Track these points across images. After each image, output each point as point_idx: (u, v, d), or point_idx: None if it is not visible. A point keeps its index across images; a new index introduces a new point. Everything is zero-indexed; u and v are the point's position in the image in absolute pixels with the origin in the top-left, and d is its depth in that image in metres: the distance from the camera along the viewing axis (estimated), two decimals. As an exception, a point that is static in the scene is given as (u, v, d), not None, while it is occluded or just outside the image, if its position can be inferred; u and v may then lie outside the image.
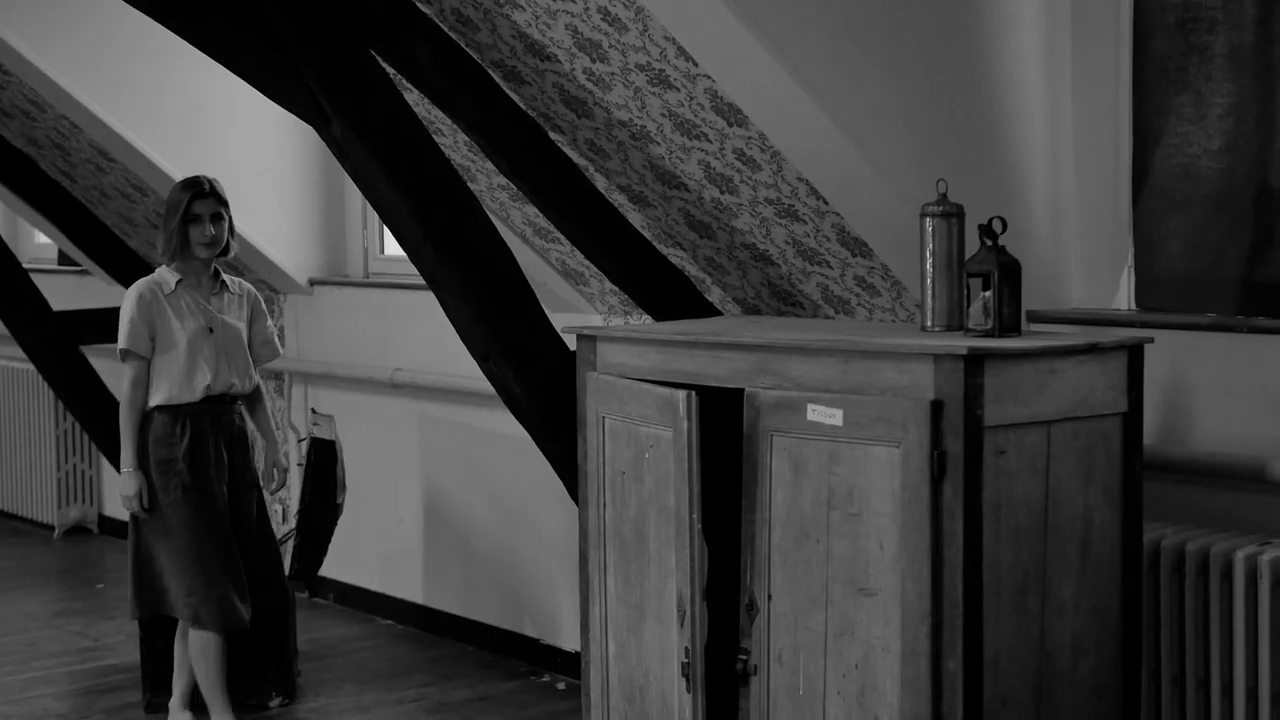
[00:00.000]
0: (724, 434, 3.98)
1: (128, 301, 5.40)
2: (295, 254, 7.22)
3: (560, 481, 5.10)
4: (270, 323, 5.66)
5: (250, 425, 5.60)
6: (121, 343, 5.36)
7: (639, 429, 4.07)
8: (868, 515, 3.63)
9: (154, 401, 5.34)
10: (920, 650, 3.54)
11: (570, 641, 6.06)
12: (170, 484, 5.32)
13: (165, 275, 5.45)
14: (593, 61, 4.61)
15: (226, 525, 5.39)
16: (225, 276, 5.53)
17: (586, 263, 5.50)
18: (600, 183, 5.10)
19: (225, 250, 5.44)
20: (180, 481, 5.31)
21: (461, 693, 6.07)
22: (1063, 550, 3.70)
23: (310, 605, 7.20)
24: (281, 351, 5.75)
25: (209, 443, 5.37)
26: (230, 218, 5.43)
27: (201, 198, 5.34)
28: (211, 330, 5.41)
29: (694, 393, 3.88)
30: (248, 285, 5.64)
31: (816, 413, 3.71)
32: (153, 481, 5.31)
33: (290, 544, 6.24)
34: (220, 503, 5.39)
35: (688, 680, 3.92)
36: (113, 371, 8.20)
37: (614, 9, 4.35)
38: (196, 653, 5.37)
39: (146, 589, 5.44)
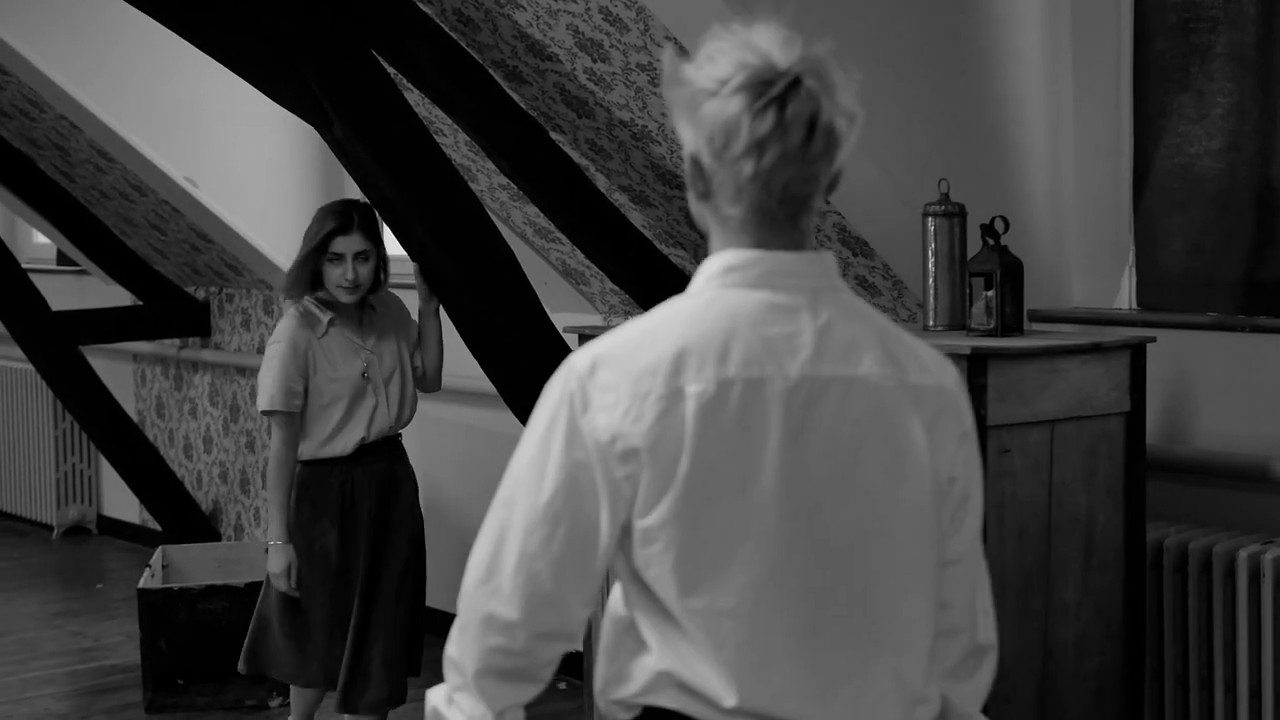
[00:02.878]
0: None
1: (278, 350, 4.58)
2: (294, 254, 7.20)
3: (561, 481, 5.08)
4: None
5: (406, 468, 4.83)
6: (269, 404, 4.56)
7: (641, 429, 4.07)
8: (871, 515, 3.64)
9: (299, 456, 4.63)
10: (924, 650, 3.55)
11: (571, 641, 6.05)
12: (313, 549, 4.62)
13: (315, 313, 4.63)
14: (594, 61, 4.61)
15: (359, 597, 4.64)
16: (370, 296, 4.72)
17: (587, 262, 5.50)
18: (601, 182, 5.10)
19: (374, 288, 4.69)
20: (322, 545, 4.62)
21: (462, 692, 6.06)
22: (1066, 550, 3.70)
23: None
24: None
25: (360, 500, 4.64)
26: (382, 252, 4.65)
27: (345, 233, 4.57)
28: (366, 376, 4.64)
29: (697, 392, 3.88)
30: (390, 294, 4.83)
31: (819, 412, 3.72)
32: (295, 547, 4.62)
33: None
34: (362, 566, 4.64)
35: (691, 680, 3.92)
36: (112, 372, 8.23)
37: (615, 9, 4.35)
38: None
39: (260, 648, 4.78)
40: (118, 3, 4.80)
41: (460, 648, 2.00)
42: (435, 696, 2.06)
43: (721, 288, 1.94)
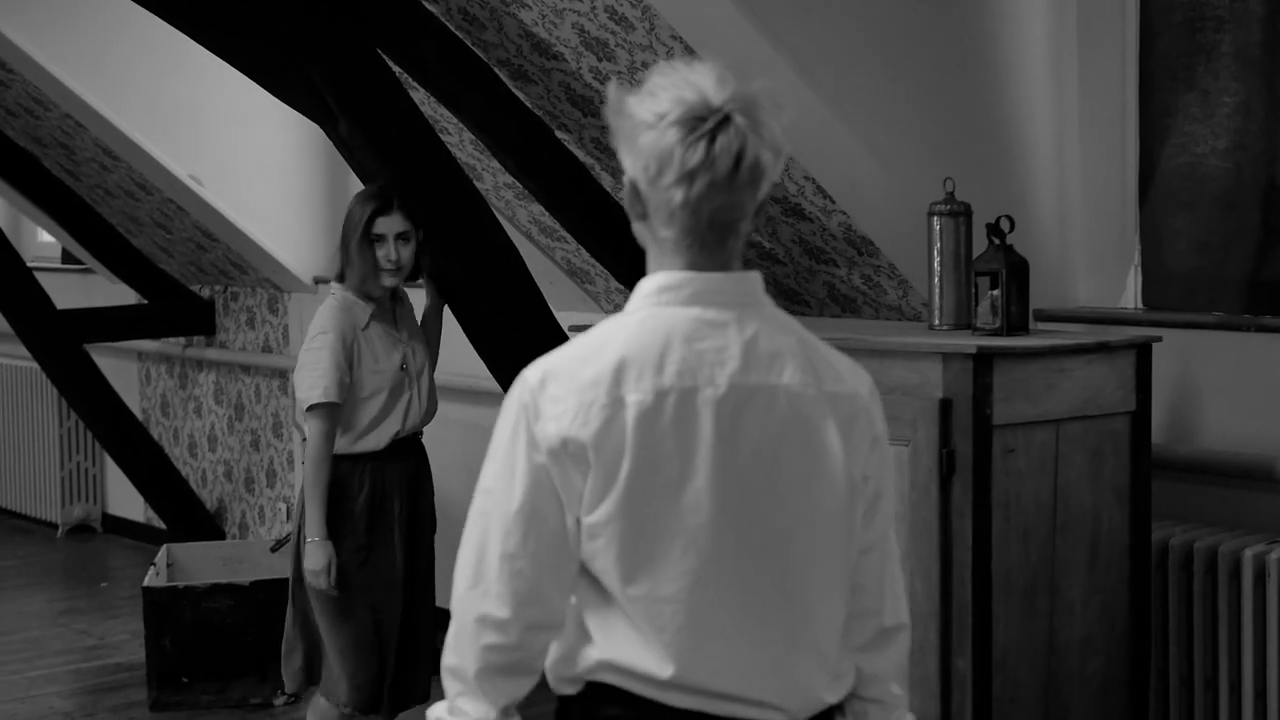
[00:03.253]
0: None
1: (326, 341, 4.43)
2: (300, 252, 7.22)
3: (566, 480, 5.07)
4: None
5: (428, 467, 4.73)
6: (324, 395, 4.39)
7: (646, 428, 4.06)
8: (876, 514, 3.63)
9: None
10: (929, 649, 3.54)
11: (575, 640, 6.04)
12: (344, 546, 4.47)
13: (357, 306, 4.50)
14: (599, 60, 4.61)
15: (401, 596, 4.57)
16: (400, 288, 4.65)
17: (592, 261, 5.50)
18: (606, 181, 5.10)
19: (414, 274, 4.61)
20: (355, 543, 4.49)
21: (466, 691, 6.05)
22: (1071, 549, 3.70)
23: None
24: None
25: (391, 497, 4.54)
26: (420, 235, 4.56)
27: (386, 214, 4.48)
28: (404, 368, 4.53)
29: (702, 391, 3.88)
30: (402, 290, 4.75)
31: (824, 412, 3.72)
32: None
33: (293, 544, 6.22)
34: (398, 566, 4.56)
35: (695, 679, 3.92)
36: (117, 370, 8.23)
37: (621, 8, 4.35)
38: None
39: (309, 659, 4.65)
40: (123, 1, 4.80)
41: (458, 653, 2.16)
42: (437, 710, 2.20)
43: (656, 305, 2.15)
